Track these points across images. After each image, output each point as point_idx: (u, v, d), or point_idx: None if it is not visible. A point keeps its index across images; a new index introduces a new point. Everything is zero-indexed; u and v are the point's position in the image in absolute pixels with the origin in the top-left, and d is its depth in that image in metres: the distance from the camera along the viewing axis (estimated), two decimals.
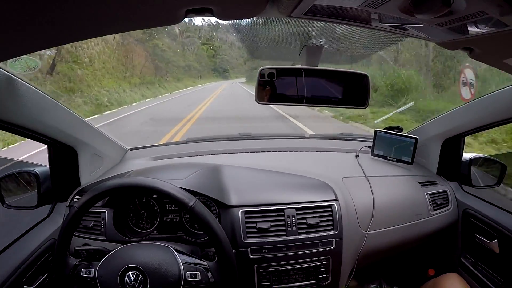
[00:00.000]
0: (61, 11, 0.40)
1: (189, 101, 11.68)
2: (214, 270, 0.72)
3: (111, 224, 0.92)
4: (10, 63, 0.73)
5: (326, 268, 0.88)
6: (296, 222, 0.88)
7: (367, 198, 1.03)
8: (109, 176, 1.09)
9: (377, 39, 0.95)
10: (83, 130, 1.02)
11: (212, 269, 0.72)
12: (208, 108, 9.61)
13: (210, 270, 0.71)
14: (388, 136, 1.26)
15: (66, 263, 0.73)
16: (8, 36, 0.43)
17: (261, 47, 1.70)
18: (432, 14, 0.42)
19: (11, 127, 0.74)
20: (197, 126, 6.34)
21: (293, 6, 0.47)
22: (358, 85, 0.89)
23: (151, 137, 5.15)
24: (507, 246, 0.96)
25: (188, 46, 26.68)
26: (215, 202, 0.93)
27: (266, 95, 0.87)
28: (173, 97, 15.26)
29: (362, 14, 0.53)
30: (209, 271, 0.71)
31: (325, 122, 6.77)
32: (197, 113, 8.22)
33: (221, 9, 0.47)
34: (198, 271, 0.70)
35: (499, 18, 0.41)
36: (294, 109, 6.65)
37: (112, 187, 0.71)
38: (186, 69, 24.21)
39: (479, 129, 1.06)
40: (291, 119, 6.55)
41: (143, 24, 0.54)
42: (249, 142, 1.43)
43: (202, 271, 0.71)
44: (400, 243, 1.05)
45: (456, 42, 0.57)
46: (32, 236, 0.91)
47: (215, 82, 27.60)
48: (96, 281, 0.70)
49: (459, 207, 1.15)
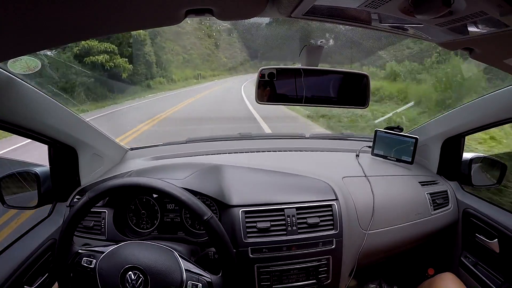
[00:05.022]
0: (61, 11, 0.40)
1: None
2: (217, 286, 0.69)
3: (111, 224, 0.92)
4: (10, 63, 0.73)
5: (326, 267, 0.88)
6: (296, 221, 0.88)
7: (367, 197, 1.03)
8: (109, 176, 1.09)
9: (377, 39, 0.94)
10: (83, 130, 1.02)
11: (215, 285, 0.69)
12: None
13: (213, 285, 0.69)
14: (388, 136, 1.26)
15: (70, 250, 0.72)
16: (8, 36, 0.43)
17: (261, 47, 1.70)
18: (432, 15, 0.42)
19: (11, 127, 0.75)
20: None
21: (293, 7, 0.47)
22: (358, 85, 0.89)
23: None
24: (507, 245, 0.96)
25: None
26: (215, 202, 0.93)
27: (266, 95, 0.87)
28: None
29: (362, 15, 0.53)
30: (212, 286, 0.68)
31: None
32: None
33: (221, 9, 0.47)
34: (200, 283, 0.68)
35: (499, 18, 0.41)
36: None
37: (135, 184, 0.71)
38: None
39: (479, 129, 1.06)
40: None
41: (143, 24, 0.54)
42: (249, 142, 1.43)
43: (205, 284, 0.68)
44: (400, 242, 1.06)
45: (456, 42, 0.57)
46: (32, 236, 0.91)
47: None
48: (95, 272, 0.68)
49: (459, 207, 1.15)
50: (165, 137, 2.41)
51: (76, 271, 0.71)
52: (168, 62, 18.07)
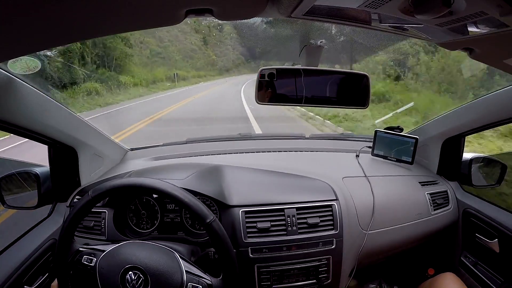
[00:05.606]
0: (61, 11, 0.40)
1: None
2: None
3: (111, 224, 0.92)
4: (10, 64, 0.72)
5: (327, 267, 0.88)
6: (297, 221, 0.88)
7: (367, 197, 1.03)
8: (109, 176, 1.09)
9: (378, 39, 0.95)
10: (83, 130, 1.02)
11: (215, 287, 0.69)
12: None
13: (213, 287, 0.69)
14: (388, 136, 1.26)
15: (70, 248, 0.72)
16: (8, 36, 0.43)
17: (261, 47, 1.69)
18: (432, 15, 0.42)
19: (12, 127, 0.75)
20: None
21: (293, 7, 0.47)
22: (359, 86, 0.89)
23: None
24: (507, 245, 0.96)
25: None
26: (215, 202, 0.93)
27: (266, 95, 0.87)
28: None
29: (362, 15, 0.53)
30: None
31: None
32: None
33: (221, 9, 0.47)
34: (200, 285, 0.67)
35: (499, 18, 0.41)
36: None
37: (137, 184, 0.71)
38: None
39: (479, 129, 1.06)
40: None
41: (143, 24, 0.54)
42: (249, 142, 1.43)
43: (205, 287, 0.68)
44: (400, 242, 1.06)
45: (456, 43, 0.57)
46: (32, 236, 0.91)
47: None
48: (95, 271, 0.68)
49: (459, 207, 1.15)
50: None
51: (76, 269, 0.71)
52: (124, 58, 13.17)
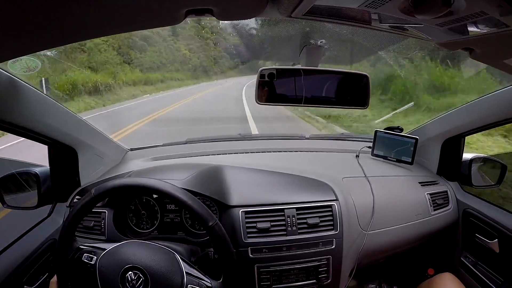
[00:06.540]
0: (61, 11, 0.40)
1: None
2: None
3: (111, 224, 0.92)
4: (10, 64, 0.73)
5: (326, 267, 0.88)
6: (297, 222, 0.88)
7: (367, 198, 1.03)
8: (109, 176, 1.09)
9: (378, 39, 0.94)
10: (83, 130, 1.02)
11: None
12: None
13: None
14: (388, 136, 1.26)
15: (71, 245, 0.72)
16: (8, 37, 0.43)
17: (261, 47, 1.69)
18: (432, 15, 0.42)
19: (12, 127, 0.75)
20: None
21: (293, 7, 0.47)
22: (359, 86, 0.89)
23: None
24: (507, 245, 0.96)
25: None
26: (215, 202, 0.93)
27: (266, 95, 0.87)
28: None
29: (362, 15, 0.53)
30: None
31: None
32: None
33: (221, 9, 0.47)
34: (200, 287, 0.68)
35: (499, 18, 0.41)
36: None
37: (139, 184, 0.71)
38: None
39: (479, 129, 1.06)
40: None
41: (144, 24, 0.54)
42: (249, 142, 1.43)
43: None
44: (400, 242, 1.05)
45: (456, 43, 0.57)
46: (32, 236, 0.91)
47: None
48: (95, 269, 0.68)
49: (459, 207, 1.15)
50: None
51: (76, 267, 0.71)
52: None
